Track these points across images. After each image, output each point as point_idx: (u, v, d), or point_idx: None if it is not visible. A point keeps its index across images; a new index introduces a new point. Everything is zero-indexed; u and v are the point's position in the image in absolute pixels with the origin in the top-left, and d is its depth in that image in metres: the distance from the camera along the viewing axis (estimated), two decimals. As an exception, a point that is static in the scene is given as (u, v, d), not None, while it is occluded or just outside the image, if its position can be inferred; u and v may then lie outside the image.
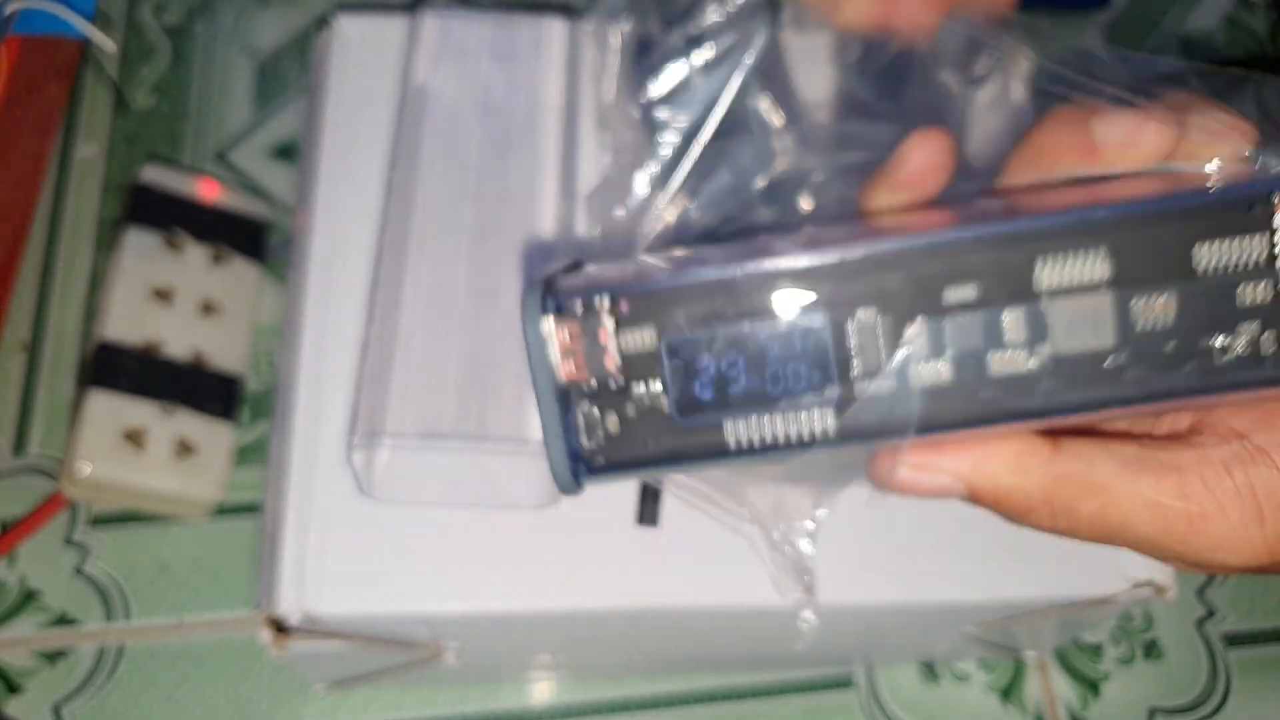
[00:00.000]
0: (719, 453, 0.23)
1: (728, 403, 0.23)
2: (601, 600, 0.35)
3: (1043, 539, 0.37)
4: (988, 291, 0.22)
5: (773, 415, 0.23)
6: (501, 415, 0.35)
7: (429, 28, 0.41)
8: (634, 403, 0.23)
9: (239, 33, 0.58)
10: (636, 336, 0.23)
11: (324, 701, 0.45)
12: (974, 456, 0.23)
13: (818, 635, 0.37)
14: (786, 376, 0.23)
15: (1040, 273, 0.22)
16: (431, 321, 0.36)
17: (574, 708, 0.46)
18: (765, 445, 0.23)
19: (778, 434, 0.23)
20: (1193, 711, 0.47)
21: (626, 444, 0.23)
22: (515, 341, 0.37)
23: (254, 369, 0.50)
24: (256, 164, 0.55)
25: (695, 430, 0.23)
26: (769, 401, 0.23)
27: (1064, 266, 0.22)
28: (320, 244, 0.39)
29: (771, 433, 0.23)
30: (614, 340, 0.23)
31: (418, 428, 0.34)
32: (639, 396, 0.23)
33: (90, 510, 0.47)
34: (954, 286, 0.22)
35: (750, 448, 0.23)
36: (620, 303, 0.23)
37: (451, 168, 0.39)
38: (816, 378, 0.23)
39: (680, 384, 0.23)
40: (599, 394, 0.23)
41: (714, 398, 0.23)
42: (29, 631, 0.45)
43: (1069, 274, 0.22)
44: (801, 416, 0.23)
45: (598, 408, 0.23)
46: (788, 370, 0.23)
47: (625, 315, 0.23)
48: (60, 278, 0.52)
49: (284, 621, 0.34)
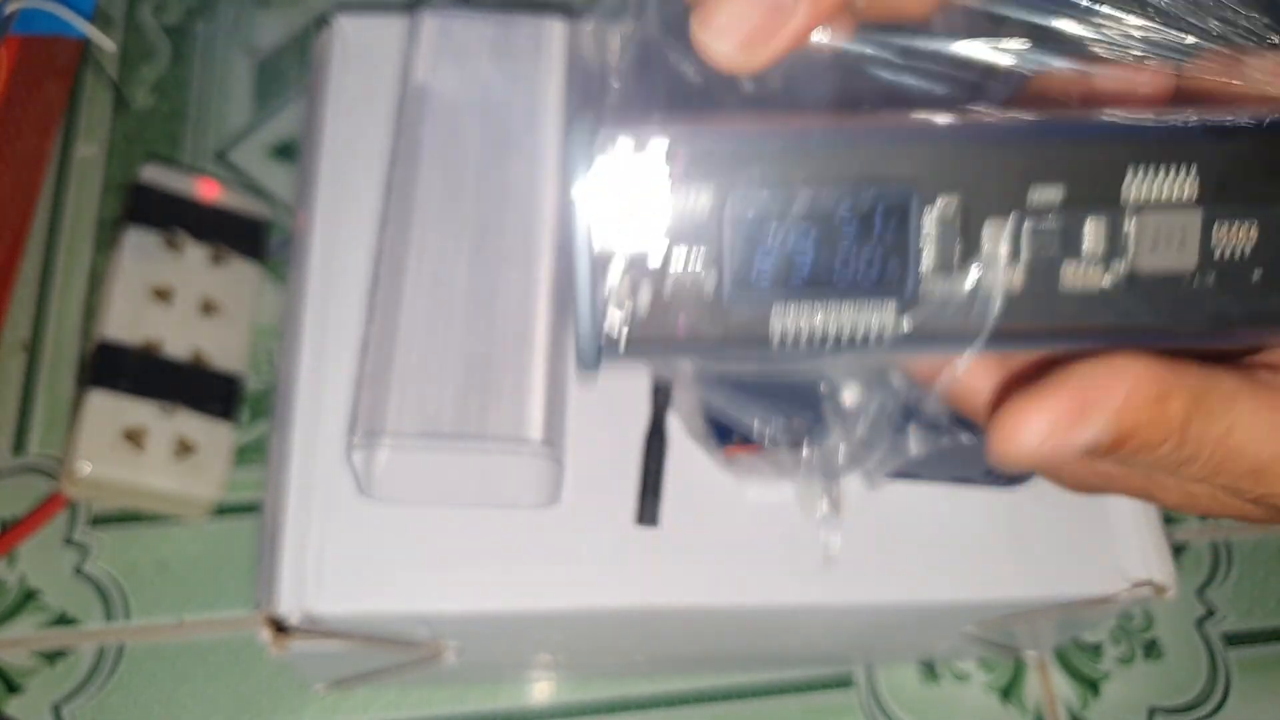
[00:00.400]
0: (759, 345, 0.21)
1: (787, 285, 0.20)
2: (601, 600, 0.35)
3: (1043, 538, 0.37)
4: (1074, 195, 0.20)
5: (829, 305, 0.20)
6: (502, 414, 0.35)
7: (429, 27, 0.41)
8: (673, 275, 0.20)
9: (239, 32, 0.58)
10: (691, 196, 0.20)
11: (324, 701, 0.45)
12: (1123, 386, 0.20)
13: (818, 634, 0.37)
14: (858, 261, 0.20)
15: (1130, 182, 0.20)
16: (431, 321, 0.36)
17: (574, 707, 0.46)
18: (814, 341, 0.20)
19: (830, 329, 0.20)
20: (1192, 711, 0.47)
21: (656, 324, 0.20)
22: (515, 340, 0.37)
23: (254, 368, 0.50)
24: (256, 163, 0.55)
25: (739, 315, 0.20)
26: (831, 289, 0.20)
27: (1155, 179, 0.20)
28: (320, 243, 0.39)
29: (824, 326, 0.20)
30: (665, 197, 0.20)
31: (418, 427, 0.34)
32: (681, 268, 0.20)
33: (90, 510, 0.47)
34: (1041, 185, 0.20)
35: (796, 343, 0.20)
36: (678, 152, 0.20)
37: (451, 167, 0.39)
38: (890, 267, 0.20)
39: (739, 256, 0.20)
40: (634, 260, 0.20)
41: (773, 277, 0.20)
42: (29, 631, 0.45)
43: (1159, 188, 0.20)
44: (861, 311, 0.20)
45: (631, 277, 0.20)
46: (861, 254, 0.20)
47: (681, 169, 0.20)
48: (60, 277, 0.52)
49: (284, 621, 0.34)
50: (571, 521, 0.36)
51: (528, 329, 0.37)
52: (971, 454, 0.36)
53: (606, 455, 0.37)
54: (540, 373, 0.36)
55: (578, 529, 0.36)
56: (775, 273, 0.20)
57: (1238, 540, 0.51)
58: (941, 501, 0.38)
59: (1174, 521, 0.51)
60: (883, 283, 0.20)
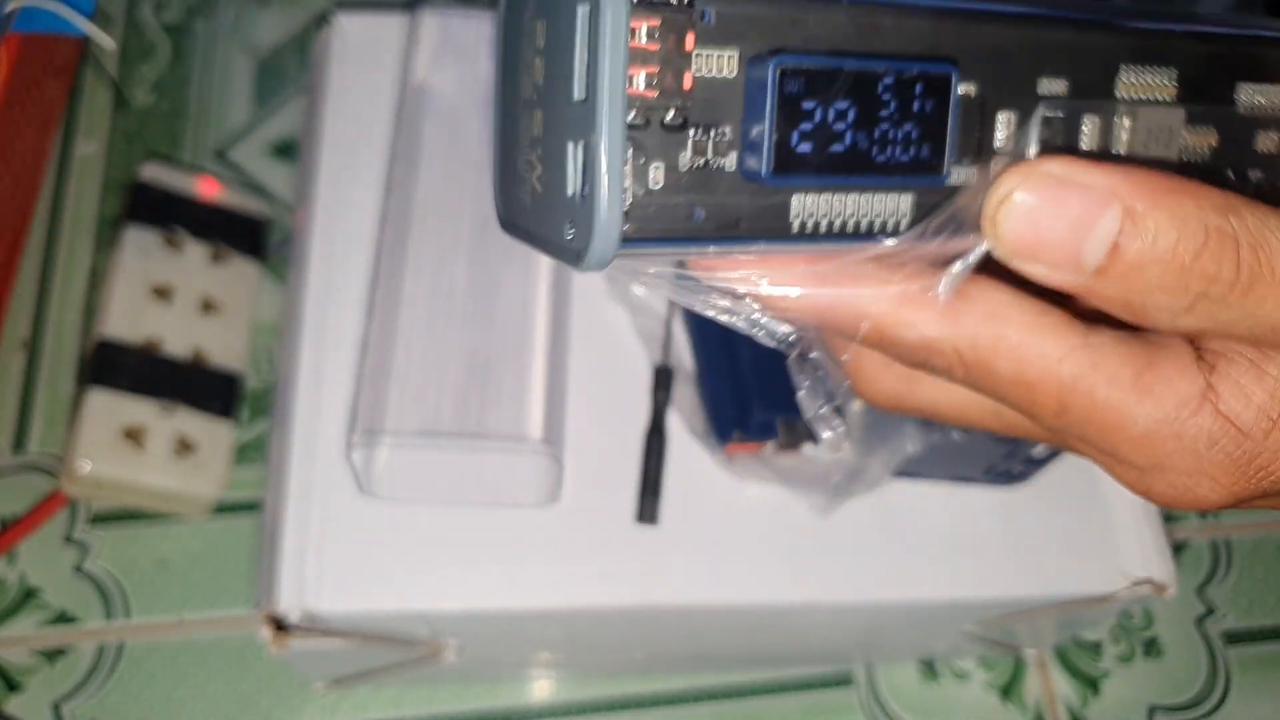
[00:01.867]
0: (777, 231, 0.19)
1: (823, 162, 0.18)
2: (601, 598, 0.35)
3: (1042, 536, 0.37)
4: (1076, 90, 0.20)
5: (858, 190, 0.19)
6: (501, 413, 0.35)
7: (428, 26, 0.41)
8: (694, 147, 0.18)
9: (239, 31, 0.58)
10: (720, 56, 0.18)
11: (323, 699, 0.45)
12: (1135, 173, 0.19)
13: (818, 633, 0.37)
14: (895, 141, 0.19)
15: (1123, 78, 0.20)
16: (431, 319, 0.36)
17: (573, 705, 0.46)
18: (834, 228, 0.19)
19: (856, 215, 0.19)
20: (1192, 709, 0.47)
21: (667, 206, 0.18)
22: (515, 340, 0.37)
23: (253, 367, 0.50)
24: (256, 162, 0.55)
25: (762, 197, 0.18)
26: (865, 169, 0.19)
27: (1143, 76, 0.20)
28: (320, 242, 0.39)
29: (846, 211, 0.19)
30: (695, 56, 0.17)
31: (417, 425, 0.34)
32: (702, 139, 0.18)
33: (90, 508, 0.47)
34: (1048, 78, 0.20)
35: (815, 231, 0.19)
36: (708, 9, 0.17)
37: (451, 165, 0.39)
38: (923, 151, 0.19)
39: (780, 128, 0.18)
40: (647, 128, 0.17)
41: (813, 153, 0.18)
42: (29, 629, 0.45)
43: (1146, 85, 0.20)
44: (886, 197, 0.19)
45: (645, 150, 0.17)
46: (899, 134, 0.19)
47: (711, 23, 0.17)
48: (60, 275, 0.52)
49: (284, 619, 0.34)
50: (571, 520, 0.36)
51: (528, 329, 0.37)
52: (971, 452, 0.36)
53: (606, 454, 0.37)
54: (540, 372, 0.36)
55: (577, 528, 0.36)
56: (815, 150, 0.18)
57: (1237, 539, 0.51)
58: (941, 500, 0.38)
59: (1174, 520, 0.51)
60: (912, 165, 0.19)
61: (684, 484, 0.37)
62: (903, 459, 0.35)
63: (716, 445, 0.37)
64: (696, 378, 0.38)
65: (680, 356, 0.39)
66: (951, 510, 0.37)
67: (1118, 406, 0.20)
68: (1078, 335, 0.20)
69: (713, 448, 0.37)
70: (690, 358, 0.39)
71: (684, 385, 0.38)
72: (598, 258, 0.17)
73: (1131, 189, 0.18)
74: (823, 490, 0.36)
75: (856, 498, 0.37)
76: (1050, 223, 0.18)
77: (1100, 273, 0.19)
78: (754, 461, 0.36)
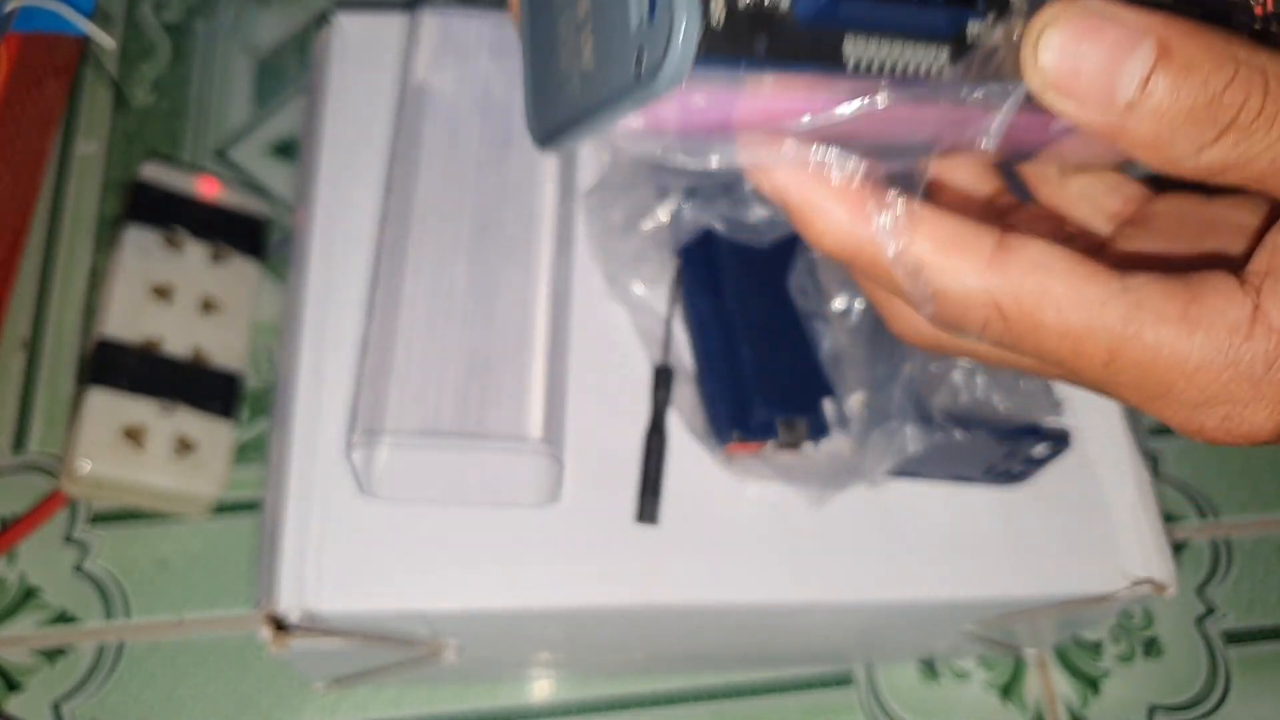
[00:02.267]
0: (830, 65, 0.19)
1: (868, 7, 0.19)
2: (601, 598, 0.35)
3: (1042, 536, 0.37)
4: None
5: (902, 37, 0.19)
6: (501, 413, 0.35)
7: (428, 26, 0.41)
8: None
9: (239, 30, 0.58)
10: None
11: (324, 699, 0.45)
12: None
13: (817, 632, 0.37)
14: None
15: None
16: (431, 319, 0.36)
17: (574, 705, 0.46)
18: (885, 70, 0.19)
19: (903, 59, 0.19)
20: (1192, 709, 0.47)
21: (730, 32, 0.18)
22: (515, 339, 0.37)
23: (254, 367, 0.50)
24: (256, 162, 0.55)
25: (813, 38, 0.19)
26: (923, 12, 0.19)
27: None
28: (320, 242, 0.39)
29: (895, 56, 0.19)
30: None
31: (417, 425, 0.34)
32: None
33: (90, 508, 0.47)
34: None
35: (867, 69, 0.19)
36: None
37: (451, 165, 0.39)
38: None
39: None
40: None
41: None
42: (29, 629, 0.45)
43: None
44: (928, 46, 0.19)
45: None
46: None
47: None
48: (60, 275, 0.52)
49: (284, 619, 0.34)
50: (571, 520, 0.36)
51: (528, 328, 0.37)
52: (971, 452, 0.36)
53: (606, 454, 0.37)
54: (540, 371, 0.36)
55: (577, 527, 0.36)
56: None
57: (1237, 538, 0.51)
58: (941, 500, 0.38)
59: (1174, 519, 0.51)
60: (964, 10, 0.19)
61: (684, 484, 0.37)
62: (903, 459, 0.35)
63: (716, 445, 0.37)
64: (696, 377, 0.38)
65: (680, 356, 0.39)
66: (951, 510, 0.37)
67: (1169, 344, 0.20)
68: (1116, 280, 0.20)
69: (713, 447, 0.37)
70: (690, 357, 0.39)
71: (684, 385, 0.38)
72: (674, 68, 0.17)
73: (1166, 26, 0.19)
74: (820, 483, 0.36)
75: (854, 492, 0.37)
76: (1087, 52, 0.19)
77: (1131, 106, 0.19)
78: (754, 461, 0.36)
